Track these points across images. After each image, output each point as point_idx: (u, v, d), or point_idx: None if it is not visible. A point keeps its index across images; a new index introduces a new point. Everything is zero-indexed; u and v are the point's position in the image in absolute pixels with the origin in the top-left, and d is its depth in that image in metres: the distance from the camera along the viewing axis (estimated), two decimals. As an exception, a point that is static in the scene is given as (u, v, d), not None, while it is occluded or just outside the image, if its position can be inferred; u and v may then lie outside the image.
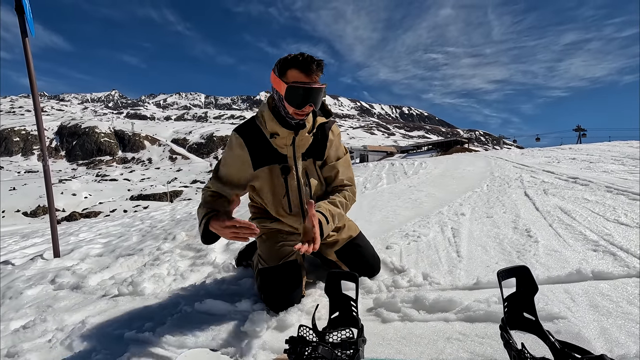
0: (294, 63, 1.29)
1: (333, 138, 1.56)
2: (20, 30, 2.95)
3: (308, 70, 1.29)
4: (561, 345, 0.83)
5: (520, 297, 0.95)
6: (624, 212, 2.20)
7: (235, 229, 1.23)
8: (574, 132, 44.49)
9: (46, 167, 3.12)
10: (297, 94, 1.30)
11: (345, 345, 0.98)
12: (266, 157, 1.46)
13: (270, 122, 1.42)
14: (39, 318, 1.61)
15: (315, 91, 1.32)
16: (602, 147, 7.57)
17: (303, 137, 1.45)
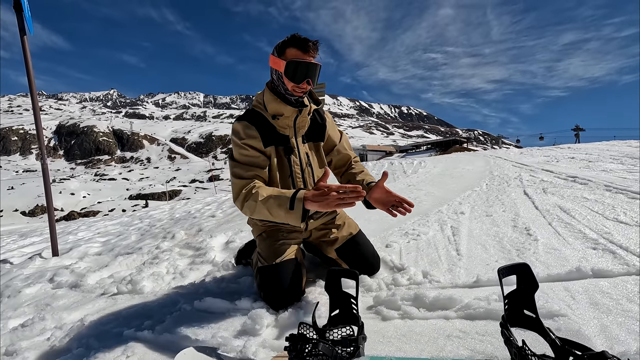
0: (292, 42, 1.37)
1: (329, 120, 1.68)
2: (19, 28, 2.94)
3: (305, 48, 1.37)
4: (562, 342, 0.83)
5: (520, 295, 0.95)
6: (623, 211, 2.20)
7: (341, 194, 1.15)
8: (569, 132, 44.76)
9: (45, 166, 3.11)
10: (296, 69, 1.37)
11: (346, 343, 0.98)
12: (271, 137, 1.50)
13: (273, 103, 1.47)
14: (38, 316, 1.60)
15: (312, 67, 1.39)
16: (600, 147, 7.58)
17: (304, 118, 1.52)
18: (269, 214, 1.32)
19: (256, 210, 1.34)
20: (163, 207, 6.91)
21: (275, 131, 1.51)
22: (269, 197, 1.31)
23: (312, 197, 1.20)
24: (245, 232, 2.89)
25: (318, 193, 1.19)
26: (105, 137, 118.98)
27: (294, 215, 1.25)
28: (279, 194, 1.31)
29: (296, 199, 1.24)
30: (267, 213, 1.32)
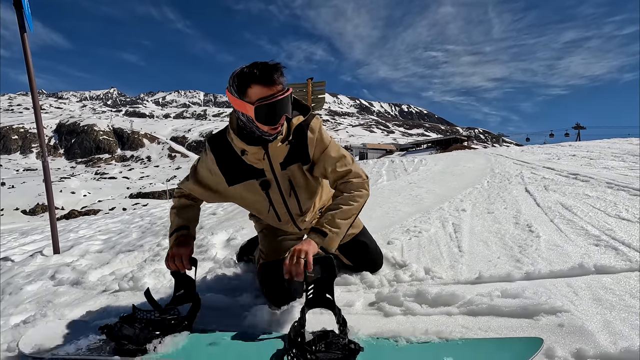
0: (252, 78, 1.14)
1: (313, 135, 1.34)
2: (19, 26, 2.93)
3: (270, 81, 1.14)
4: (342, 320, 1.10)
5: (324, 282, 1.17)
6: (625, 208, 2.19)
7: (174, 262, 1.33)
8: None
9: (45, 164, 3.11)
10: (268, 111, 1.16)
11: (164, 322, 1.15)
12: (241, 174, 1.36)
13: (237, 141, 1.28)
14: (39, 313, 1.60)
15: (285, 101, 1.18)
16: (602, 144, 7.57)
17: (276, 149, 1.29)
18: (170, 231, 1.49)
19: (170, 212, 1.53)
20: (164, 205, 6.91)
21: (246, 164, 1.33)
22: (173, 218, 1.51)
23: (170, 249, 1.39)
24: (247, 229, 2.89)
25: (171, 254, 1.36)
26: (105, 135, 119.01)
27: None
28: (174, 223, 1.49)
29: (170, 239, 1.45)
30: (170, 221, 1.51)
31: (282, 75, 1.18)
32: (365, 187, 1.37)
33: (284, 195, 1.41)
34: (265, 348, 1.06)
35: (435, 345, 1.02)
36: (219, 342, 1.12)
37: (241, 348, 1.09)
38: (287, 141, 1.30)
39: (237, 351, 1.08)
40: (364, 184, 1.37)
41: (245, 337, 1.14)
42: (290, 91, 1.21)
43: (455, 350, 0.98)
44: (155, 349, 1.08)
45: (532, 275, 1.40)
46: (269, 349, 1.05)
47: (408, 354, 1.01)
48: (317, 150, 1.36)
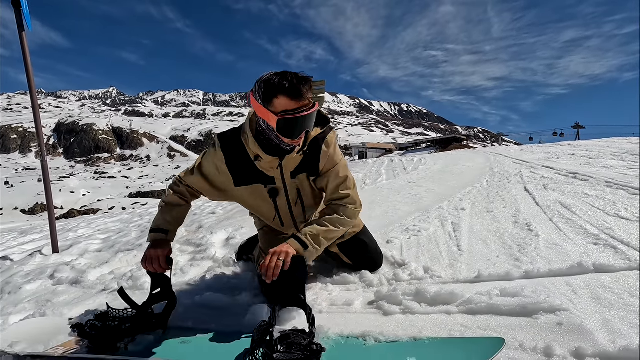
0: (280, 90, 1.11)
1: (327, 150, 1.35)
2: (17, 25, 2.92)
3: (298, 95, 1.12)
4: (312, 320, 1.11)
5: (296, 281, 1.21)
6: (624, 207, 2.20)
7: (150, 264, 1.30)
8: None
9: (44, 163, 3.10)
10: (291, 125, 1.15)
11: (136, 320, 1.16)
12: (249, 176, 1.35)
13: (254, 146, 1.27)
14: (38, 312, 1.60)
15: (309, 117, 1.16)
16: (601, 143, 7.58)
17: (291, 159, 1.31)
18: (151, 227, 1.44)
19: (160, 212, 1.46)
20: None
21: (257, 169, 1.33)
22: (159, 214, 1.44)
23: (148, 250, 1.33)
24: (246, 229, 2.89)
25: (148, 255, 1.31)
26: (104, 135, 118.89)
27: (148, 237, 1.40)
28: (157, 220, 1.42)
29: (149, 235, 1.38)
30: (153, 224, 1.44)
31: (311, 90, 1.17)
32: (357, 216, 1.42)
33: (290, 203, 1.42)
34: (236, 348, 1.06)
35: (403, 345, 1.03)
36: (192, 341, 1.14)
37: (213, 347, 1.09)
38: (302, 152, 1.31)
39: (208, 350, 1.09)
40: (356, 213, 1.41)
41: (221, 337, 1.14)
42: (317, 107, 1.20)
43: (421, 350, 0.99)
44: (126, 347, 1.09)
45: (531, 274, 1.41)
46: (239, 349, 1.04)
47: (375, 353, 1.02)
48: (327, 165, 1.37)
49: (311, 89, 1.17)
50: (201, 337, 1.15)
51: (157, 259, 1.30)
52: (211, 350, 1.08)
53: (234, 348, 1.06)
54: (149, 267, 1.30)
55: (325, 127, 1.36)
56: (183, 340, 1.14)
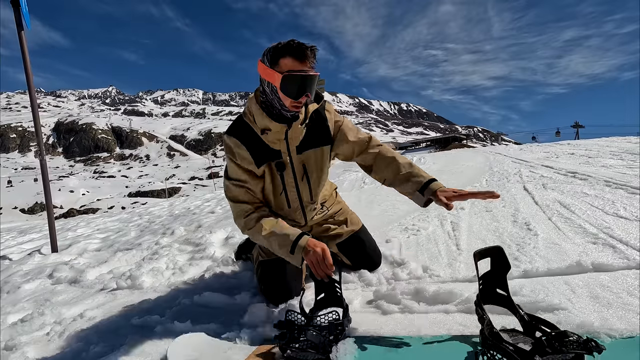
0: (287, 50, 1.19)
1: (330, 115, 1.46)
2: (16, 24, 2.92)
3: (303, 56, 1.20)
4: (529, 317, 0.93)
5: (494, 275, 1.05)
6: (623, 206, 2.20)
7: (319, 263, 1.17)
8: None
9: (43, 162, 3.10)
10: (294, 83, 1.21)
11: (332, 328, 1.02)
12: (263, 155, 1.38)
13: (260, 117, 1.31)
14: (37, 312, 1.60)
15: (311, 79, 1.23)
16: (600, 143, 7.58)
17: (296, 130, 1.35)
18: (270, 247, 1.31)
19: (258, 241, 1.34)
20: (162, 204, 6.90)
21: (265, 146, 1.37)
22: (272, 233, 1.29)
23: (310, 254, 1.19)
24: (245, 228, 2.89)
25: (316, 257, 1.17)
26: (104, 134, 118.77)
27: (294, 258, 1.24)
28: (281, 232, 1.28)
29: (297, 246, 1.23)
30: (268, 246, 1.31)
31: (315, 58, 1.24)
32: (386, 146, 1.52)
33: (297, 179, 1.43)
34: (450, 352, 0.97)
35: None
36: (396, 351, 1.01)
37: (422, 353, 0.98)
38: (305, 124, 1.37)
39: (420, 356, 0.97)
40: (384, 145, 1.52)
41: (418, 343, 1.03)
42: (318, 74, 1.26)
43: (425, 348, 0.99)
44: (336, 357, 0.97)
45: (530, 273, 1.41)
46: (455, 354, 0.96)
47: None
48: (335, 127, 1.48)
49: (314, 57, 1.24)
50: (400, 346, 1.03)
51: (322, 260, 1.17)
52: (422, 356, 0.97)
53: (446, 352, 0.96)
54: (321, 275, 1.17)
55: (321, 101, 1.46)
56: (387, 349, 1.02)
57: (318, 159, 1.45)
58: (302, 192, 1.47)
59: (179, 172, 66.93)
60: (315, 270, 1.17)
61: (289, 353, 0.94)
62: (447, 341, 1.02)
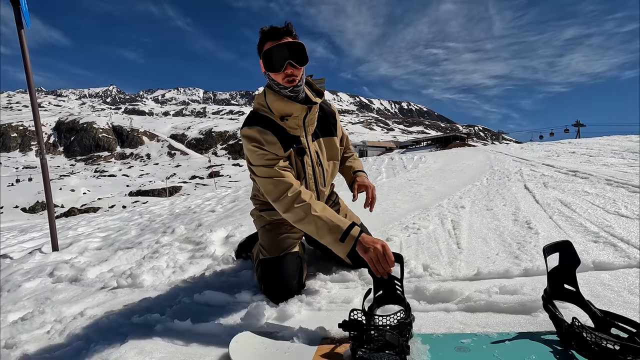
0: (263, 37, 1.31)
1: (337, 116, 1.61)
2: (16, 22, 2.92)
3: (277, 35, 1.28)
4: (602, 313, 0.87)
5: (562, 270, 1.00)
6: (624, 205, 2.19)
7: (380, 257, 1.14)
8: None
9: (44, 161, 3.10)
10: (271, 56, 1.29)
11: (403, 328, 0.98)
12: (286, 142, 1.41)
13: (278, 103, 1.37)
14: (38, 310, 1.60)
15: (288, 46, 1.28)
16: (601, 141, 7.56)
17: (313, 115, 1.44)
18: (314, 231, 1.27)
19: (303, 221, 1.29)
20: (163, 203, 6.91)
21: (286, 133, 1.41)
22: (323, 217, 1.26)
23: (371, 251, 1.15)
24: (245, 227, 2.89)
25: (377, 254, 1.15)
26: (104, 133, 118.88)
27: (342, 247, 1.23)
28: (332, 217, 1.27)
29: (350, 234, 1.21)
30: (314, 229, 1.27)
31: (290, 31, 1.30)
32: None
33: (314, 165, 1.48)
34: (534, 352, 0.91)
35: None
36: (468, 349, 0.96)
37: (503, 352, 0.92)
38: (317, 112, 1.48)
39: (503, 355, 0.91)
40: None
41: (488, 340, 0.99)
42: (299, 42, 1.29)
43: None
44: (413, 358, 0.93)
45: (531, 272, 1.40)
46: (541, 354, 0.89)
47: None
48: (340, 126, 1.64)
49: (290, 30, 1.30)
50: (472, 343, 0.98)
51: (383, 256, 1.14)
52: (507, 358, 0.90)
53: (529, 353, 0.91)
54: (381, 272, 1.14)
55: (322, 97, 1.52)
56: (457, 346, 0.97)
57: (330, 147, 1.55)
58: (317, 179, 1.51)
59: (179, 171, 66.99)
60: (376, 268, 1.14)
61: (360, 354, 0.90)
62: (520, 339, 0.97)
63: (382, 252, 1.14)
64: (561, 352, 0.88)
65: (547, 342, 0.94)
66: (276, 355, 1.02)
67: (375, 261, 1.14)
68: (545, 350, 0.91)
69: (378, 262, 1.14)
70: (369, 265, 1.17)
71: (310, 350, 1.03)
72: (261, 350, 1.05)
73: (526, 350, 0.92)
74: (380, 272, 1.14)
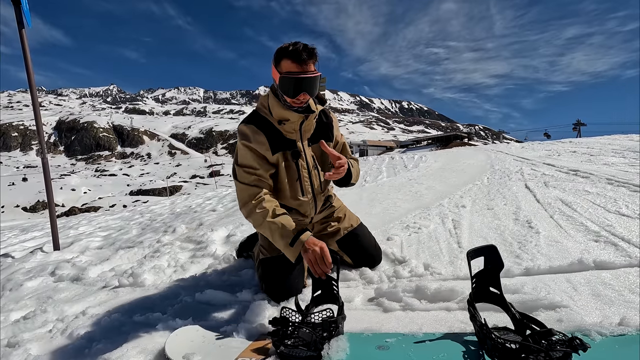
0: (285, 53, 1.31)
1: (335, 124, 1.63)
2: (17, 21, 2.92)
3: (299, 59, 1.30)
4: (520, 316, 0.93)
5: (487, 274, 1.06)
6: (625, 204, 2.19)
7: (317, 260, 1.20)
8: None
9: (45, 160, 3.11)
10: (289, 83, 1.32)
11: (326, 325, 1.03)
12: (279, 143, 1.46)
13: (277, 108, 1.42)
14: (39, 309, 1.61)
15: (307, 80, 1.32)
16: (602, 141, 7.55)
17: (310, 122, 1.48)
18: (270, 235, 1.34)
19: (261, 226, 1.36)
20: (164, 202, 6.91)
21: (281, 136, 1.46)
22: (277, 221, 1.32)
23: (311, 251, 1.22)
24: (246, 226, 2.89)
25: (315, 255, 1.21)
26: (105, 132, 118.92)
27: (292, 251, 1.28)
28: (285, 223, 1.31)
29: (298, 240, 1.27)
30: (269, 234, 1.34)
31: (314, 59, 1.34)
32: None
33: (309, 168, 1.52)
34: (446, 350, 0.96)
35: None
36: (388, 347, 1.01)
37: (419, 352, 0.97)
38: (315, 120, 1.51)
39: (416, 355, 0.96)
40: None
41: (411, 340, 1.03)
42: (318, 74, 1.35)
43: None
44: (328, 354, 0.98)
45: (532, 271, 1.40)
46: (453, 353, 0.95)
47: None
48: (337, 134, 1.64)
49: (314, 58, 1.33)
50: (391, 340, 1.04)
51: (321, 258, 1.20)
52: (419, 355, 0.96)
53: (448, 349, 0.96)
54: (319, 272, 1.19)
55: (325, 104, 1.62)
56: (378, 345, 1.02)
57: (321, 154, 1.56)
58: (314, 180, 1.54)
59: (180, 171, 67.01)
60: (314, 268, 1.20)
61: (282, 349, 0.96)
62: (441, 339, 1.02)
63: (320, 254, 1.20)
64: (473, 352, 0.94)
65: (465, 343, 1.00)
66: (209, 347, 1.08)
67: (313, 262, 1.21)
68: (458, 350, 0.96)
69: (316, 263, 1.20)
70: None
71: (244, 344, 1.10)
72: (197, 342, 1.11)
73: (441, 350, 0.97)
74: (319, 272, 1.20)
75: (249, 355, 1.02)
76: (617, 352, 0.89)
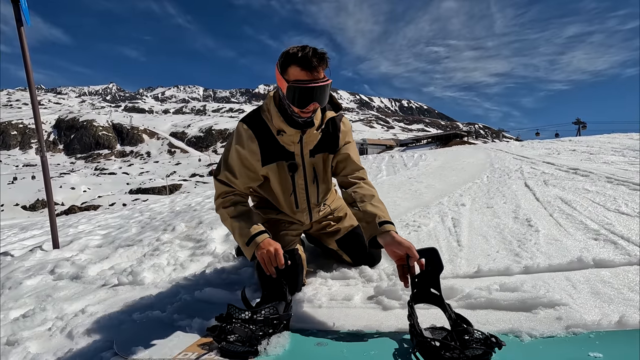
0: (294, 59, 1.19)
1: (345, 128, 1.48)
2: (15, 20, 2.91)
3: (309, 67, 1.18)
4: (455, 316, 0.99)
5: (428, 275, 1.12)
6: (624, 202, 2.19)
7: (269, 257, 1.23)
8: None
9: (44, 159, 3.10)
10: (299, 93, 1.21)
11: (268, 322, 1.08)
12: (274, 153, 1.39)
13: (277, 119, 1.34)
14: (39, 307, 1.60)
15: (318, 89, 1.21)
16: (602, 139, 7.55)
17: (311, 135, 1.38)
18: (232, 232, 1.39)
19: (225, 222, 1.40)
20: (163, 201, 6.91)
21: (279, 146, 1.39)
22: (239, 219, 1.35)
23: (263, 252, 1.24)
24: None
25: (269, 255, 1.23)
26: (104, 131, 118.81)
27: (248, 250, 1.31)
28: (247, 222, 1.34)
29: (253, 241, 1.29)
30: (231, 231, 1.38)
31: (325, 66, 1.23)
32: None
33: (307, 182, 1.47)
34: (379, 347, 1.00)
35: None
36: (327, 343, 1.06)
37: (353, 349, 1.02)
38: (321, 130, 1.40)
39: (349, 351, 1.00)
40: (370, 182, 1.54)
41: (352, 338, 1.08)
42: (329, 82, 1.25)
43: None
44: (265, 349, 1.01)
45: (531, 269, 1.41)
46: (384, 349, 0.99)
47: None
48: (344, 142, 1.49)
49: (325, 64, 1.23)
50: (331, 338, 1.08)
51: (274, 257, 1.22)
52: (352, 352, 1.00)
53: (377, 348, 1.01)
54: (270, 271, 1.23)
55: (339, 111, 1.47)
56: (317, 342, 1.06)
57: (324, 165, 1.49)
58: (310, 195, 1.51)
59: (179, 169, 66.94)
60: (265, 267, 1.24)
61: (222, 344, 1.01)
62: (381, 337, 1.07)
63: (274, 254, 1.23)
64: (403, 350, 0.98)
65: (401, 341, 1.03)
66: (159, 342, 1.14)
67: (266, 260, 1.23)
68: (390, 347, 1.00)
69: (269, 262, 1.23)
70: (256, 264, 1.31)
71: (193, 338, 1.15)
72: (148, 336, 1.17)
73: (373, 347, 1.02)
74: (271, 270, 1.23)
75: (193, 350, 1.06)
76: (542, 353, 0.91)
